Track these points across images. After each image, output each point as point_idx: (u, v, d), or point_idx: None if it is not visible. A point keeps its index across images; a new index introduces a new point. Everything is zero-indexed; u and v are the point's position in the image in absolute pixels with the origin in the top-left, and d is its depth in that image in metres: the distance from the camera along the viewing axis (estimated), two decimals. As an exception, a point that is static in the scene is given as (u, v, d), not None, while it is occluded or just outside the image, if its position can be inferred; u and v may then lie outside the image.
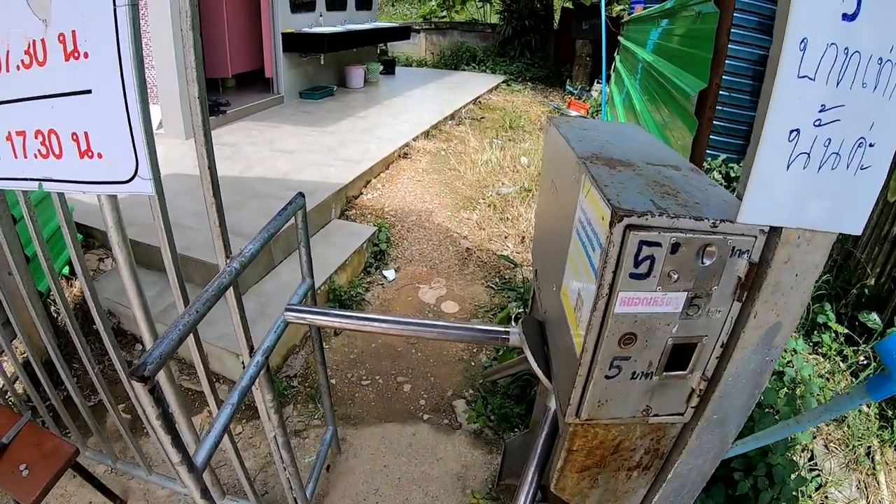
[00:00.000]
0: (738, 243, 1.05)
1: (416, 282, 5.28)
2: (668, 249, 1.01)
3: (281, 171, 6.25)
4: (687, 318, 1.11)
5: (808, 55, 0.91)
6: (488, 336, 1.75)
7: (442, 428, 3.75)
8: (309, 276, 2.60)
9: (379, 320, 1.97)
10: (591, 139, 1.44)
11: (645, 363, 1.17)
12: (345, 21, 11.04)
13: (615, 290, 1.03)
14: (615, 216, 0.97)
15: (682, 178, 1.23)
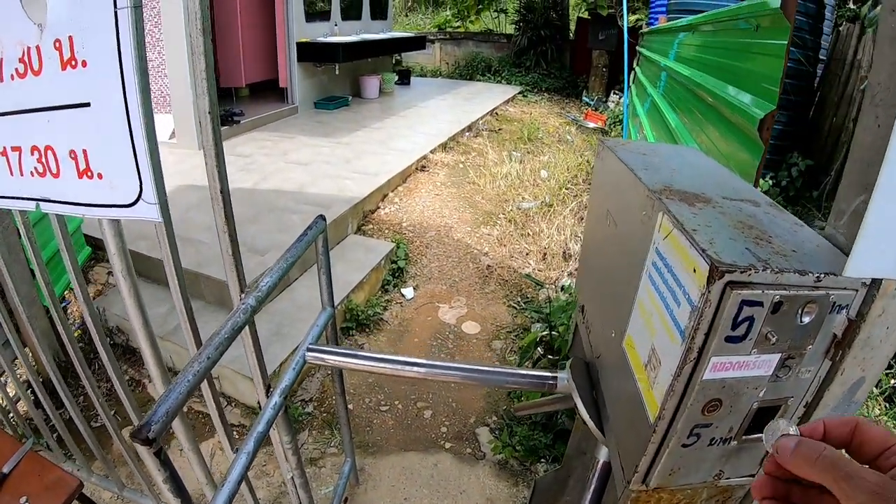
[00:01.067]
0: (840, 298, 0.90)
1: (436, 301, 5.15)
2: (770, 309, 0.86)
3: (296, 183, 6.15)
4: (776, 381, 0.97)
5: None
6: (532, 381, 1.60)
7: (465, 458, 3.61)
8: (329, 305, 2.46)
9: (408, 363, 1.81)
10: (657, 167, 1.29)
11: (726, 429, 1.02)
12: (360, 30, 10.98)
13: (706, 354, 0.89)
14: (715, 271, 0.82)
15: (766, 218, 1.08)
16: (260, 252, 4.56)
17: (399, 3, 24.29)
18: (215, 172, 1.63)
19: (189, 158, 6.67)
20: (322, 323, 2.36)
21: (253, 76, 8.93)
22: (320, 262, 2.37)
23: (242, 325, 1.61)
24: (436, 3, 23.27)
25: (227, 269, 1.83)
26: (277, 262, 1.89)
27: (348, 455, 3.16)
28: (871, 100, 0.94)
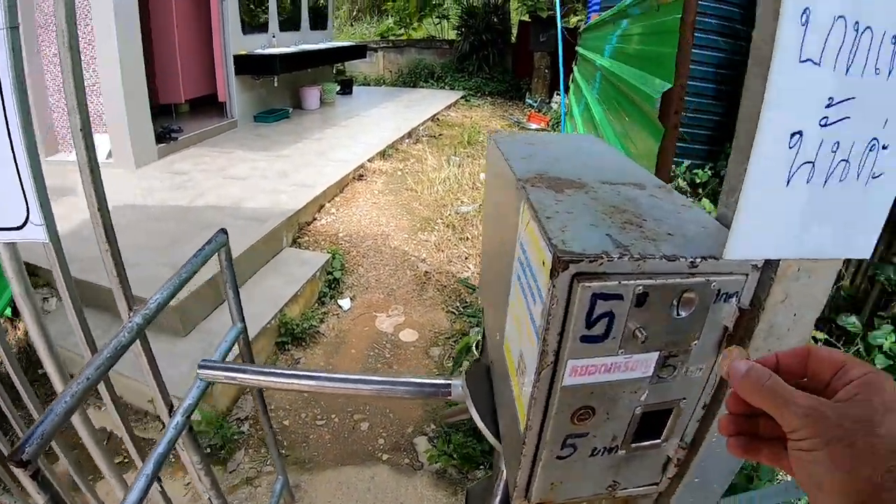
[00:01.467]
0: (725, 285, 0.79)
1: (373, 310, 5.08)
2: (633, 302, 0.75)
3: (232, 198, 6.02)
4: (660, 382, 0.86)
5: (812, 31, 0.66)
6: (426, 391, 1.50)
7: (403, 469, 3.56)
8: (239, 321, 2.37)
9: (303, 376, 1.72)
10: (537, 155, 1.19)
11: (607, 437, 0.92)
12: (299, 41, 10.83)
13: (562, 357, 0.78)
14: (558, 262, 0.71)
15: (647, 200, 0.97)
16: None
17: (344, 13, 24.36)
18: (92, 190, 1.61)
19: (125, 178, 6.55)
20: (230, 339, 2.29)
21: (192, 91, 8.79)
22: (225, 276, 2.27)
23: (127, 343, 1.57)
24: (380, 12, 23.27)
25: (113, 288, 1.79)
26: (170, 279, 1.81)
27: (279, 473, 3.06)
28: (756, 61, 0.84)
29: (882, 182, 0.79)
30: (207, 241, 2.06)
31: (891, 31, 0.69)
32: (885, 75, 0.72)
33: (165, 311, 3.82)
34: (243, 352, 2.47)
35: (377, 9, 23.78)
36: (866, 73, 0.71)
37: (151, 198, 5.88)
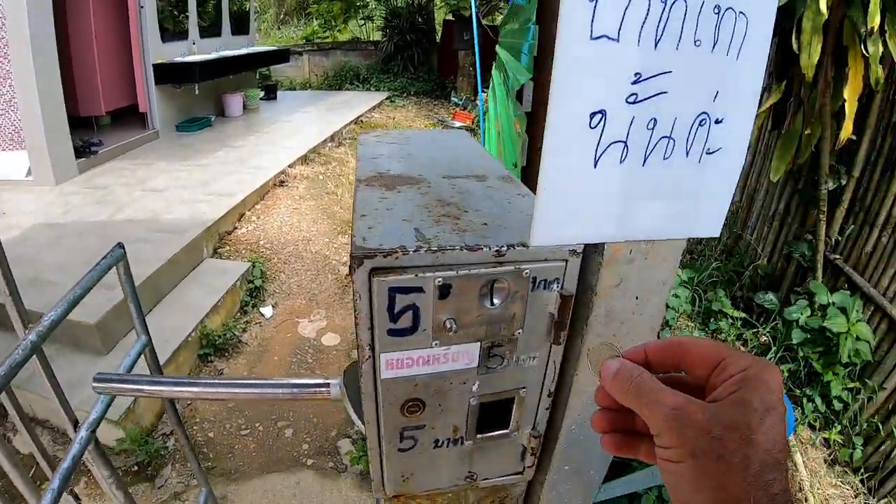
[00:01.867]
0: (541, 272, 0.80)
1: (296, 316, 5.04)
2: (436, 294, 0.75)
3: (151, 211, 5.88)
4: (489, 372, 0.87)
5: (605, 6, 0.63)
6: (307, 391, 1.50)
7: (327, 473, 3.57)
8: (143, 334, 2.33)
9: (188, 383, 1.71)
10: (391, 154, 1.20)
11: (447, 429, 0.93)
12: (220, 47, 10.58)
13: (377, 351, 0.78)
14: (353, 258, 0.72)
15: (482, 191, 0.99)
16: (109, 287, 4.31)
17: (271, 16, 23.99)
18: None
19: (45, 196, 6.29)
20: (134, 353, 2.24)
21: (112, 103, 8.50)
22: (125, 290, 2.24)
23: (22, 361, 1.55)
24: (306, 15, 23.04)
25: (7, 307, 1.72)
26: (64, 296, 1.77)
27: (202, 485, 3.01)
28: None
29: (719, 157, 0.78)
30: (104, 255, 2.04)
31: (710, 1, 0.68)
32: (708, 47, 0.70)
33: (84, 330, 3.79)
34: (150, 364, 2.44)
35: (304, 11, 23.57)
36: (683, 45, 0.69)
37: (71, 214, 5.70)
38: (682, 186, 0.78)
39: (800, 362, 4.16)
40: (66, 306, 1.75)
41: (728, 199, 0.83)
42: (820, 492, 3.53)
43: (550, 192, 0.70)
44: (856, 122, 3.86)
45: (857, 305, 3.97)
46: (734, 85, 0.75)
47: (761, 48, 0.74)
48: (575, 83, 0.66)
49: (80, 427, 1.87)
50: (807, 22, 3.30)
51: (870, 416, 3.92)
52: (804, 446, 3.82)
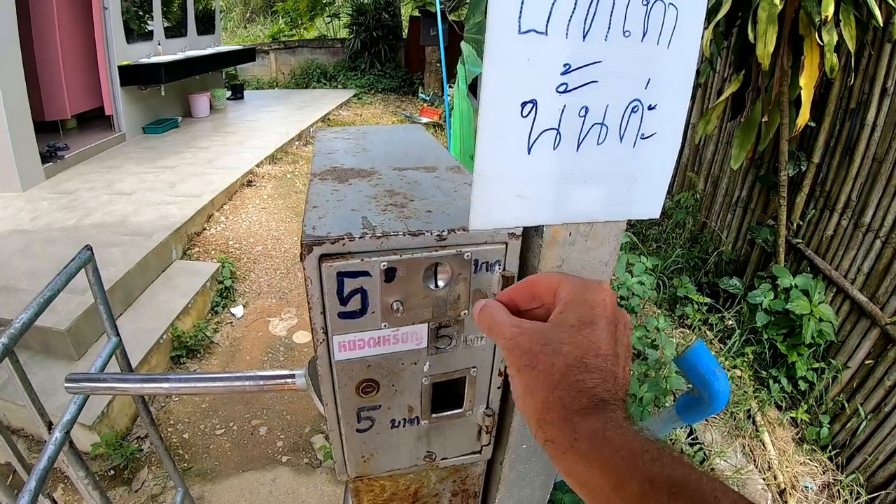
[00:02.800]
0: (482, 255, 0.84)
1: (266, 315, 5.05)
2: (382, 277, 0.79)
3: (119, 215, 5.83)
4: (438, 353, 0.91)
5: (532, 2, 0.67)
6: (273, 382, 1.53)
7: (302, 468, 3.59)
8: (114, 335, 2.32)
9: (158, 379, 1.73)
10: (346, 150, 1.24)
11: (402, 409, 0.96)
12: (185, 48, 10.51)
13: (329, 335, 0.82)
14: (303, 246, 0.75)
15: (429, 181, 1.03)
16: (80, 292, 4.30)
17: (237, 15, 23.83)
18: None
19: (13, 202, 6.23)
20: (106, 354, 2.23)
21: (78, 106, 8.37)
22: (94, 293, 2.23)
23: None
24: (273, 13, 22.92)
25: None
26: (34, 300, 1.77)
27: (179, 485, 3.01)
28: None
29: (654, 142, 0.82)
30: (72, 258, 2.05)
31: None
32: (637, 37, 0.74)
33: (56, 336, 3.78)
34: (121, 365, 2.45)
35: (270, 10, 23.44)
36: (612, 36, 0.72)
37: (39, 221, 5.64)
38: (617, 170, 0.82)
39: (764, 344, 4.26)
40: (37, 309, 1.76)
41: (666, 181, 0.88)
42: (789, 469, 3.61)
43: (486, 179, 0.75)
44: (814, 109, 3.96)
45: (820, 287, 4.07)
46: (666, 73, 0.79)
47: (693, 37, 0.78)
48: (505, 75, 0.70)
49: (54, 429, 1.88)
50: (762, 12, 3.37)
51: (835, 395, 4.03)
52: (772, 426, 3.90)
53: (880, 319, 3.69)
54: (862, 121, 3.93)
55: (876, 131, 3.83)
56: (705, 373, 0.99)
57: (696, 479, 0.49)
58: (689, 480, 0.48)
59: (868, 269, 3.86)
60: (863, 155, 3.94)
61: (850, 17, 3.36)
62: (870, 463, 3.71)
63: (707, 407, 1.02)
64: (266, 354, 4.57)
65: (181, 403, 4.02)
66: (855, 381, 3.94)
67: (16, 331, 1.64)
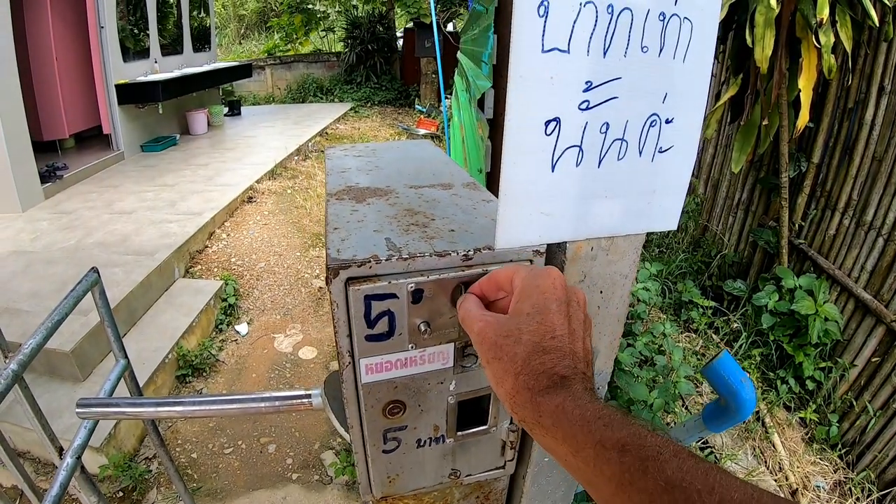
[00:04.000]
0: None
1: (271, 332, 5.06)
2: (409, 299, 0.79)
3: (121, 234, 5.84)
4: (465, 371, 0.91)
5: (555, 21, 0.68)
6: (289, 403, 1.53)
7: (313, 486, 3.59)
8: (122, 357, 2.34)
9: (171, 403, 1.73)
10: (358, 168, 1.24)
11: (428, 429, 0.96)
12: (182, 65, 10.52)
13: (356, 357, 0.82)
14: (329, 270, 0.76)
15: (448, 199, 1.03)
16: (83, 312, 4.30)
17: (231, 31, 23.98)
18: None
19: (13, 223, 6.24)
20: (114, 377, 2.23)
21: (76, 126, 8.41)
22: (101, 315, 2.26)
23: (4, 391, 1.55)
24: (267, 29, 23.02)
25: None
26: (42, 324, 1.78)
27: None
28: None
29: (671, 155, 0.84)
30: (79, 281, 2.06)
31: (655, 9, 0.73)
32: (655, 52, 0.76)
33: (61, 357, 3.78)
34: (130, 387, 2.45)
35: (264, 25, 23.54)
36: (630, 52, 0.74)
37: (40, 241, 5.64)
38: (637, 184, 0.84)
39: (771, 346, 4.29)
40: (45, 333, 1.76)
41: (683, 193, 0.89)
42: (800, 469, 3.63)
43: (512, 198, 0.76)
44: (813, 111, 3.99)
45: (824, 287, 4.09)
46: (682, 86, 0.81)
47: (707, 50, 0.80)
48: (529, 94, 0.71)
49: (66, 454, 1.88)
50: (759, 16, 3.41)
51: (843, 394, 4.05)
52: (781, 427, 3.92)
53: (885, 317, 3.72)
54: (860, 120, 3.97)
55: (875, 130, 3.86)
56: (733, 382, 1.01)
57: (643, 436, 0.54)
58: (636, 438, 0.54)
59: (871, 266, 3.89)
60: (862, 154, 3.98)
61: (847, 17, 3.40)
62: (880, 460, 3.73)
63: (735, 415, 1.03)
64: (272, 371, 4.57)
65: (189, 423, 4.02)
66: (862, 378, 3.97)
67: (25, 357, 1.65)
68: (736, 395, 1.01)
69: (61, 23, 7.76)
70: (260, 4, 24.06)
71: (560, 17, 0.68)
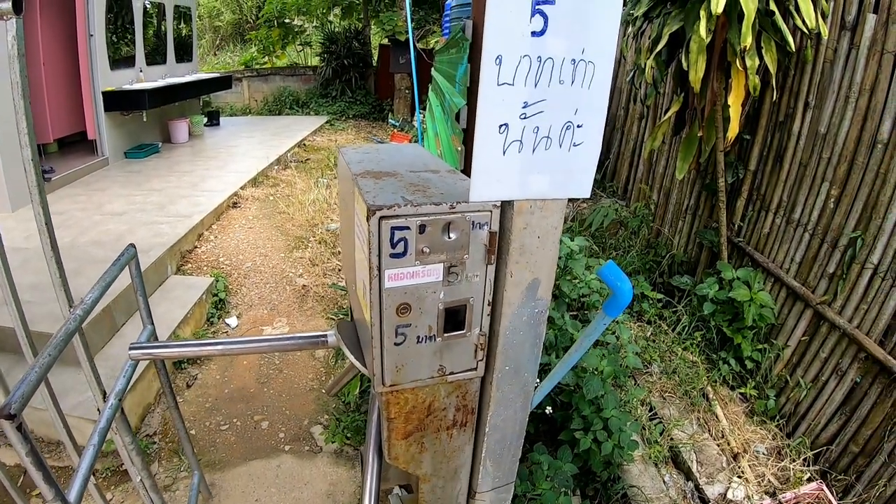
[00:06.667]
0: (476, 218, 1.32)
1: (259, 324, 5.42)
2: (417, 231, 1.26)
3: (114, 234, 6.11)
4: (449, 285, 1.37)
5: (505, 67, 1.16)
6: (309, 341, 1.96)
7: (304, 455, 3.93)
8: (149, 323, 2.66)
9: (212, 344, 2.14)
10: (369, 160, 1.70)
11: (425, 328, 1.41)
12: (165, 74, 10.76)
13: (382, 269, 1.28)
14: (370, 211, 1.22)
15: (437, 179, 1.50)
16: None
17: (206, 42, 24.07)
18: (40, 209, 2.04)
19: (3, 222, 6.30)
20: (144, 339, 2.57)
21: (60, 130, 8.56)
22: (135, 284, 2.58)
23: (74, 330, 1.88)
24: (243, 41, 23.16)
25: (56, 289, 2.13)
26: (97, 282, 2.15)
27: (195, 469, 3.36)
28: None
29: (582, 148, 1.32)
30: (121, 253, 2.41)
31: (569, 58, 1.21)
32: (568, 83, 1.24)
33: None
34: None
35: (240, 37, 23.69)
36: (552, 83, 1.23)
37: (33, 240, 5.35)
38: (559, 166, 1.33)
39: (712, 330, 4.78)
40: (101, 289, 2.15)
41: (591, 172, 1.38)
42: (740, 437, 4.03)
43: (478, 171, 1.25)
44: (749, 124, 4.55)
45: (759, 278, 4.61)
46: (587, 104, 1.29)
47: (604, 80, 1.28)
48: (489, 109, 1.20)
49: (109, 396, 2.25)
50: (693, 44, 3.90)
51: (779, 371, 4.54)
52: (724, 402, 4.37)
53: (812, 300, 4.23)
54: (789, 131, 4.50)
55: (801, 140, 4.40)
56: (616, 277, 1.48)
57: None
58: None
59: (800, 259, 4.42)
60: (790, 161, 4.51)
61: (772, 43, 3.91)
62: (813, 427, 4.20)
63: (623, 299, 1.49)
64: (262, 359, 4.93)
65: (186, 404, 4.34)
66: (795, 357, 4.46)
67: (87, 305, 2.01)
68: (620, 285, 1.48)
69: (49, 29, 7.95)
70: (236, 16, 24.16)
71: (508, 64, 1.16)
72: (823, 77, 4.23)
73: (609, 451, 3.25)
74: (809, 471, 3.92)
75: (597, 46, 1.22)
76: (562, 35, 1.17)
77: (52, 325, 2.24)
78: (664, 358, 4.60)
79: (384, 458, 1.69)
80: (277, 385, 4.64)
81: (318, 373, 4.78)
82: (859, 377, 3.90)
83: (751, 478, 3.72)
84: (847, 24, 3.99)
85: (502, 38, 1.13)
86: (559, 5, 1.15)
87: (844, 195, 4.02)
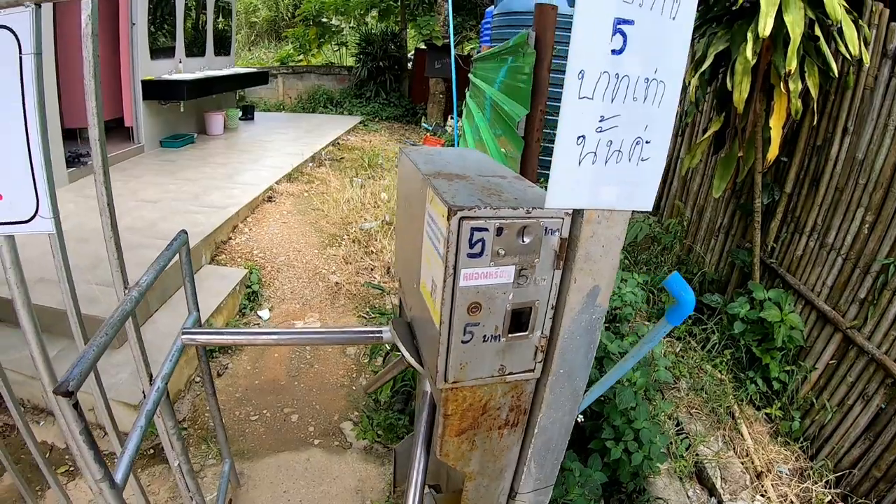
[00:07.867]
0: (550, 224, 1.38)
1: (291, 318, 5.46)
2: (494, 233, 1.32)
3: (148, 220, 6.19)
4: (519, 287, 1.42)
5: (586, 82, 1.20)
6: (364, 336, 2.02)
7: (333, 449, 3.97)
8: (195, 310, 2.75)
9: (265, 333, 2.20)
10: (435, 161, 1.76)
11: (492, 327, 1.46)
12: (204, 66, 10.90)
13: (458, 268, 1.33)
14: (451, 212, 1.27)
15: (507, 184, 1.56)
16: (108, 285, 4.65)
17: (242, 37, 24.13)
18: (103, 189, 2.04)
19: None
20: (189, 325, 2.65)
21: None
22: (184, 271, 2.69)
23: (130, 311, 1.91)
24: (278, 38, 23.34)
25: (112, 271, 2.20)
26: (152, 265, 2.22)
27: (226, 456, 3.41)
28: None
29: (649, 163, 1.36)
30: (174, 237, 2.51)
31: (643, 76, 1.26)
32: (641, 100, 1.29)
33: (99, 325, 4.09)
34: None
35: (276, 34, 23.87)
36: (627, 100, 1.27)
37: (69, 221, 5.78)
38: (627, 179, 1.36)
39: (741, 349, 4.80)
40: (155, 273, 2.20)
41: (655, 187, 1.41)
42: (764, 456, 4.06)
43: (556, 179, 1.28)
44: (787, 146, 4.58)
45: (790, 300, 4.62)
46: (657, 121, 1.33)
47: (673, 99, 1.33)
48: (570, 121, 1.24)
49: (156, 379, 2.29)
50: (739, 65, 3.93)
51: (806, 393, 4.56)
52: (749, 421, 4.39)
53: (842, 325, 4.24)
54: (827, 156, 4.52)
55: (838, 165, 4.42)
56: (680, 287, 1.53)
57: None
58: None
59: (831, 282, 4.42)
60: (827, 185, 4.53)
61: (815, 68, 3.94)
62: (836, 450, 4.21)
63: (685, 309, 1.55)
64: (293, 352, 4.96)
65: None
66: (822, 380, 4.47)
67: (143, 286, 2.06)
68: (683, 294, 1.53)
69: (93, 16, 8.00)
70: (272, 13, 24.36)
71: (589, 79, 1.21)
72: (863, 104, 4.25)
73: (639, 461, 3.28)
74: (831, 493, 3.93)
75: (668, 67, 1.28)
76: (638, 54, 1.22)
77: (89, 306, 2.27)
78: (692, 374, 4.62)
79: (433, 454, 1.73)
80: (308, 379, 4.67)
81: (348, 369, 4.81)
82: (885, 403, 3.91)
83: (773, 497, 3.74)
84: (889, 53, 4.01)
85: (585, 54, 1.18)
86: (638, 25, 1.20)
87: (879, 221, 4.03)
